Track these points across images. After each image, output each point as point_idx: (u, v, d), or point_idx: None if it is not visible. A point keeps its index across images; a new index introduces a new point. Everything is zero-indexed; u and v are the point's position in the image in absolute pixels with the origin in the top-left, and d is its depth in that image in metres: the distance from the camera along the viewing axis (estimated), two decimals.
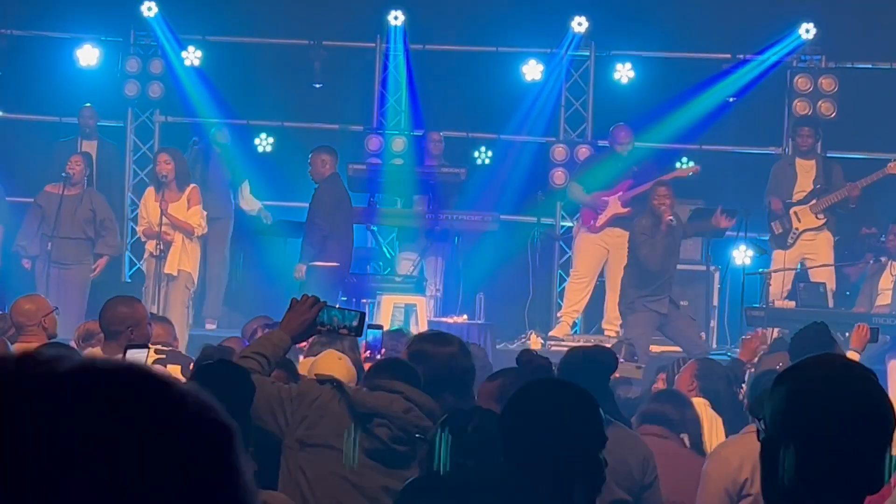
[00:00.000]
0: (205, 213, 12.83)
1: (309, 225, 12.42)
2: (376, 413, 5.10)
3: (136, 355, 4.87)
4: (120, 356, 5.40)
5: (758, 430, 2.44)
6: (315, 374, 5.88)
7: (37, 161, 14.03)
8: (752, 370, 8.43)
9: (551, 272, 14.47)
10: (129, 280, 14.56)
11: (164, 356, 7.43)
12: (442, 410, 4.88)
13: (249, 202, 13.98)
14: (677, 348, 12.15)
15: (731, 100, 14.46)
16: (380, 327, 6.74)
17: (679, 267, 13.16)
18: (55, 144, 13.95)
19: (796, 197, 13.44)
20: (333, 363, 5.93)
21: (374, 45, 14.99)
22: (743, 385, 8.11)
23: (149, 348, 5.04)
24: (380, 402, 5.11)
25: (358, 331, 5.20)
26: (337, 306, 5.42)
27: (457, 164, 13.54)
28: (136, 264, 14.67)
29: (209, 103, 14.62)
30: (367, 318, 5.38)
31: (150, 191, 13.03)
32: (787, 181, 13.54)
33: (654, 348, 12.43)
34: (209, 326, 13.41)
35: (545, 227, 14.34)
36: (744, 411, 7.04)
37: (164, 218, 12.54)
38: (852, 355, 7.99)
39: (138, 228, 13.39)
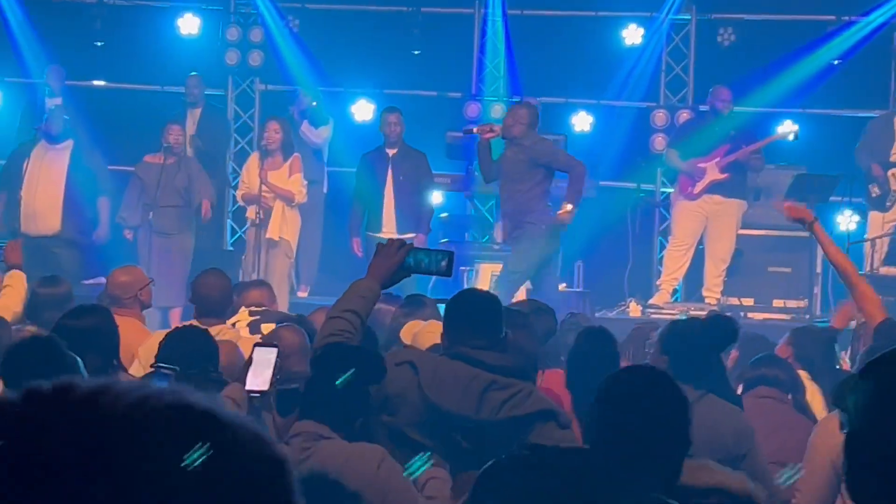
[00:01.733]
0: (305, 182, 12.91)
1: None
2: (449, 414, 4.84)
3: (265, 355, 4.78)
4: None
5: (841, 423, 2.38)
6: (413, 346, 5.73)
7: (139, 130, 14.16)
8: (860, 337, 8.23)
9: (651, 239, 14.35)
10: (231, 248, 14.69)
11: (258, 317, 7.50)
12: None
13: (319, 133, 13.93)
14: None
15: (835, 62, 14.20)
16: None
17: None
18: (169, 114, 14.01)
19: (894, 157, 13.16)
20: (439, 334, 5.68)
21: (472, 10, 14.93)
22: (844, 352, 7.98)
23: (277, 347, 4.90)
24: (459, 381, 4.88)
25: (448, 272, 5.02)
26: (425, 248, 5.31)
27: (555, 130, 13.47)
28: (237, 232, 14.78)
29: (308, 71, 14.65)
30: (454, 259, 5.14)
31: (253, 157, 13.14)
32: (885, 140, 13.25)
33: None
34: (301, 294, 13.48)
35: (645, 194, 14.22)
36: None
37: (263, 186, 12.62)
38: None
39: (238, 193, 13.53)
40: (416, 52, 14.83)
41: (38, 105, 13.94)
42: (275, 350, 4.72)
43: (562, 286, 12.54)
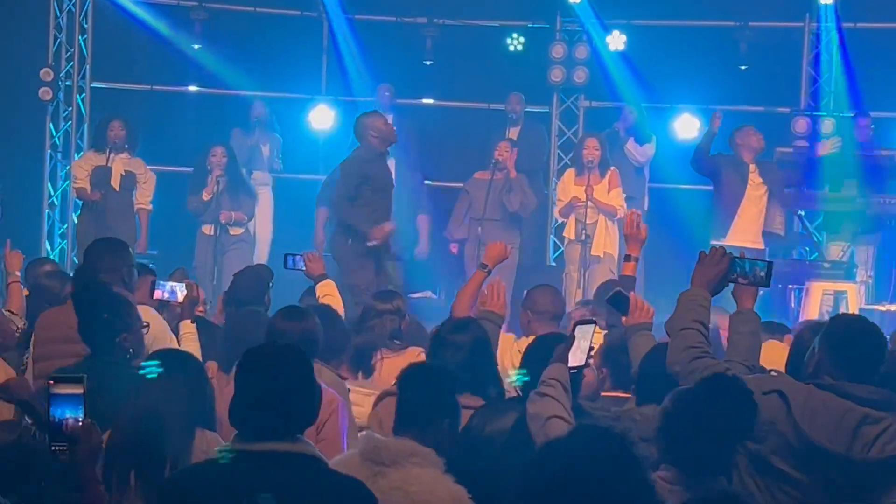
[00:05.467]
0: (623, 195, 12.94)
1: None
2: (821, 448, 4.66)
3: (584, 331, 4.87)
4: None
5: None
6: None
7: (466, 147, 14.38)
8: None
9: None
10: (553, 263, 14.74)
11: None
12: None
13: (643, 151, 13.85)
14: None
15: None
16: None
17: None
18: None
19: None
20: (776, 351, 5.44)
21: (802, 24, 14.59)
22: None
23: (595, 322, 4.99)
24: (831, 414, 4.66)
25: (766, 282, 5.05)
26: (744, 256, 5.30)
27: (891, 145, 13.04)
28: (559, 248, 14.83)
29: (633, 87, 14.59)
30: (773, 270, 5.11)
31: (569, 173, 13.35)
32: None
33: None
34: None
35: None
36: None
37: (588, 202, 12.67)
38: None
39: (555, 211, 13.64)
40: (744, 67, 14.59)
41: None
42: (592, 326, 4.83)
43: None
